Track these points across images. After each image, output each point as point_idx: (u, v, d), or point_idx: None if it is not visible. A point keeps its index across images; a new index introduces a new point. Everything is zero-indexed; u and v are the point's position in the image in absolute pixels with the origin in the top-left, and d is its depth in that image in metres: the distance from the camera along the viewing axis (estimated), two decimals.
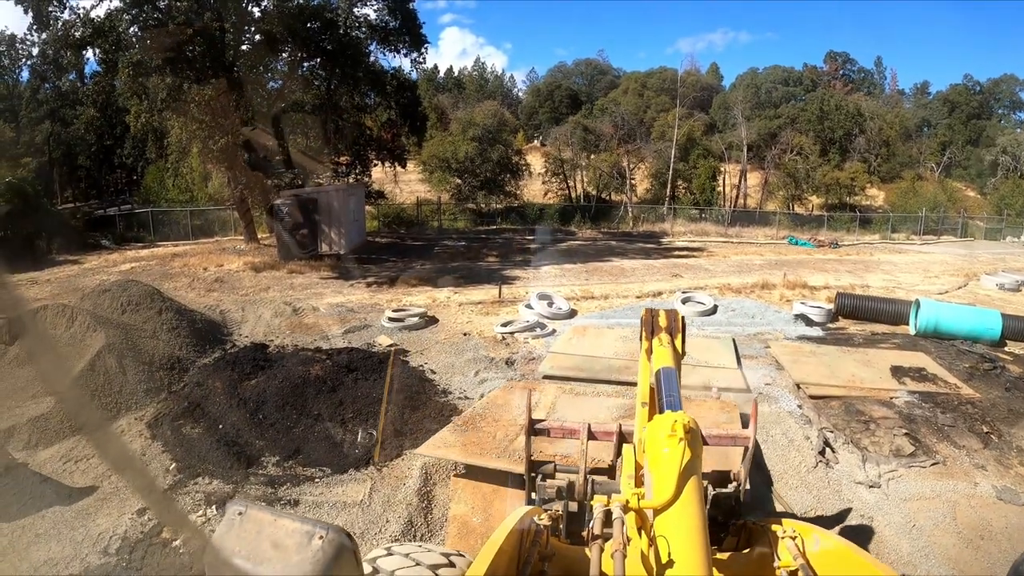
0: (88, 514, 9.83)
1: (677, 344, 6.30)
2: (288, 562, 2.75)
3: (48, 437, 12.05)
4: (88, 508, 9.99)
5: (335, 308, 21.05)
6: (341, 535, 2.85)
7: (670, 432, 3.94)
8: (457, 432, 10.49)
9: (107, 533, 9.32)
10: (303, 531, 2.84)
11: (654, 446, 4.05)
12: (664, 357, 5.90)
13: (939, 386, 14.26)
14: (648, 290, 24.75)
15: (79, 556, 8.85)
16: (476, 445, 9.94)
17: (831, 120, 66.79)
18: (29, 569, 8.61)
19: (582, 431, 6.65)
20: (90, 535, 9.30)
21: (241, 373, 14.49)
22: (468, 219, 49.60)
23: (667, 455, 3.88)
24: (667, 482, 3.80)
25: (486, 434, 10.34)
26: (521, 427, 9.64)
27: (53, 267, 30.08)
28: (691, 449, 3.89)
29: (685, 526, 3.70)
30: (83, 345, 14.54)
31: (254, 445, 11.66)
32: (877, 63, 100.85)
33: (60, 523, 9.62)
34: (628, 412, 11.05)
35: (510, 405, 11.67)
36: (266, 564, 2.77)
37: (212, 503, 9.99)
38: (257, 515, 2.94)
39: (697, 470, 3.94)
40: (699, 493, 3.91)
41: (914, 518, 9.43)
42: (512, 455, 9.40)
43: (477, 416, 11.09)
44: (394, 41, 35.52)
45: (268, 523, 2.90)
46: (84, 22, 29.08)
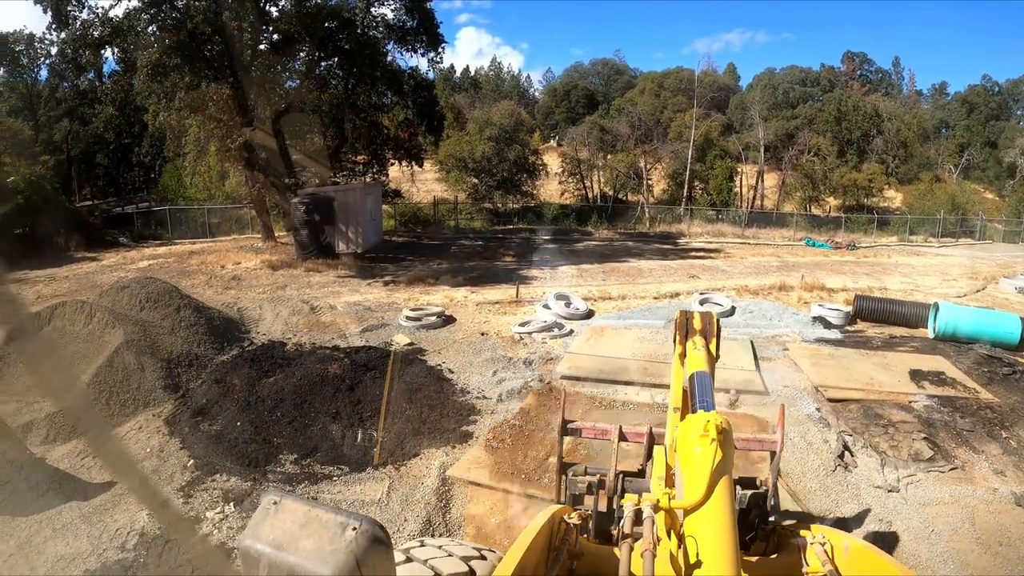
0: (105, 510, 9.84)
1: (712, 347, 6.13)
2: (321, 552, 2.73)
3: (66, 432, 12.07)
4: (105, 504, 9.99)
5: (352, 307, 21.07)
6: (375, 527, 2.82)
7: (702, 432, 3.86)
8: (489, 451, 10.39)
9: (124, 529, 9.34)
10: (337, 522, 2.81)
11: (686, 446, 3.96)
12: (698, 361, 5.75)
13: (958, 390, 14.15)
14: (665, 291, 24.62)
15: (96, 551, 8.87)
16: (507, 466, 9.87)
17: (849, 121, 66.42)
18: (46, 564, 8.64)
19: (613, 432, 6.67)
20: (107, 531, 9.31)
21: (259, 371, 14.54)
22: (485, 219, 49.60)
23: (699, 455, 3.80)
24: (698, 482, 3.71)
25: (517, 452, 10.29)
26: (552, 446, 9.89)
27: (71, 264, 30.24)
28: (723, 450, 3.80)
29: (715, 527, 3.62)
30: (101, 342, 14.58)
31: (272, 443, 11.67)
32: (895, 63, 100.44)
33: (78, 518, 9.62)
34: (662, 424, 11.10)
35: (541, 418, 11.61)
36: (300, 553, 2.75)
37: (230, 500, 10.00)
38: (292, 505, 2.92)
39: (729, 471, 3.86)
40: (730, 494, 3.81)
41: (932, 523, 9.34)
42: (543, 479, 9.35)
43: (508, 429, 11.01)
44: (411, 41, 35.53)
45: (302, 513, 2.87)
46: (103, 21, 29.18)
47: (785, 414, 11.89)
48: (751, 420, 12.12)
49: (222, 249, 33.30)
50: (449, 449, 11.20)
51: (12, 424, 11.29)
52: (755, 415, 12.53)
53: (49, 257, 30.21)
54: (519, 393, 13.57)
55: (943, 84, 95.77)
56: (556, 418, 11.12)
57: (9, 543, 9.05)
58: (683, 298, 23.18)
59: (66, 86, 51.90)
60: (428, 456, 11.07)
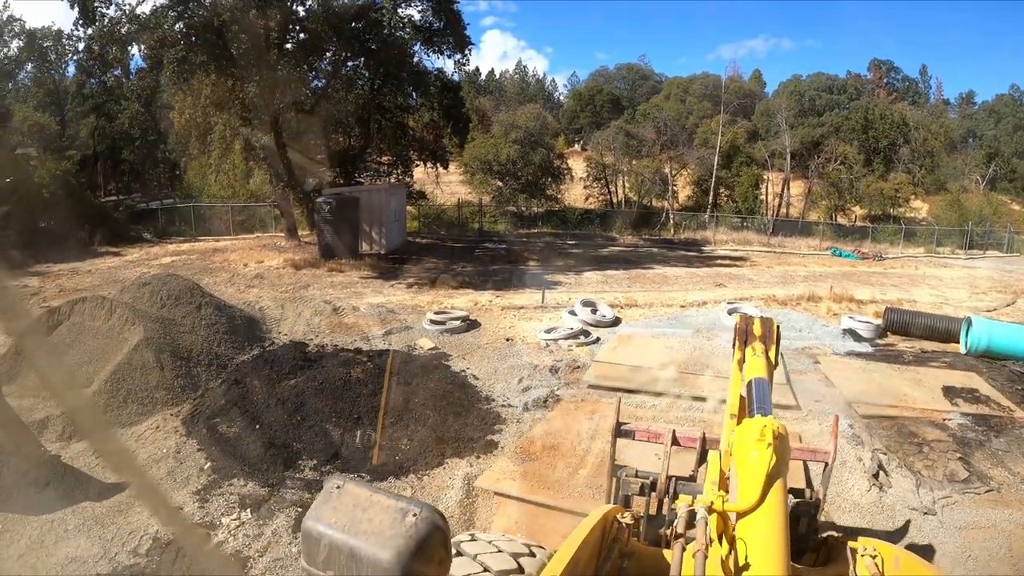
0: (120, 511, 9.66)
1: (771, 354, 6.21)
2: (382, 536, 2.78)
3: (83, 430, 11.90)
4: (119, 505, 9.81)
5: (375, 308, 20.86)
6: (434, 514, 2.88)
7: (759, 437, 3.92)
8: (517, 462, 10.16)
9: (138, 532, 9.14)
10: (397, 508, 2.88)
11: (742, 450, 4.02)
12: (757, 367, 5.84)
13: (992, 408, 13.95)
14: (692, 299, 24.38)
15: (108, 555, 8.69)
16: (536, 478, 9.66)
17: (876, 129, 65.90)
18: (56, 566, 8.46)
19: (666, 435, 6.65)
20: (120, 533, 9.13)
21: (280, 372, 14.31)
22: (509, 222, 49.34)
23: (755, 459, 3.85)
24: (753, 486, 3.75)
25: (545, 464, 10.08)
26: (581, 458, 9.97)
27: (95, 258, 30.34)
28: (778, 455, 3.86)
29: (768, 531, 3.67)
30: (121, 338, 14.40)
31: (291, 447, 11.43)
32: (922, 72, 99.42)
33: (91, 519, 9.44)
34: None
35: (570, 430, 11.38)
36: (360, 536, 2.81)
37: (246, 507, 9.78)
38: (354, 490, 3.00)
39: (783, 476, 3.91)
40: (783, 499, 3.85)
41: (970, 548, 9.20)
42: (575, 491, 9.17)
43: (536, 442, 10.78)
44: (438, 42, 35.23)
45: (364, 498, 2.95)
46: (129, 18, 29.14)
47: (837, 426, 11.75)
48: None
49: (245, 247, 33.26)
50: (473, 459, 10.94)
51: (28, 420, 11.08)
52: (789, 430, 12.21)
53: (73, 251, 30.13)
54: (545, 402, 13.30)
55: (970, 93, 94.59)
56: (585, 424, 10.98)
57: (20, 543, 8.89)
58: (710, 307, 22.91)
59: (93, 82, 52.08)
60: (451, 466, 10.84)
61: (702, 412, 12.94)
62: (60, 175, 36.57)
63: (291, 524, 9.31)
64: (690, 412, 12.99)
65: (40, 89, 51.80)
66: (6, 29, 45.45)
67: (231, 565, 8.30)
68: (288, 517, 9.46)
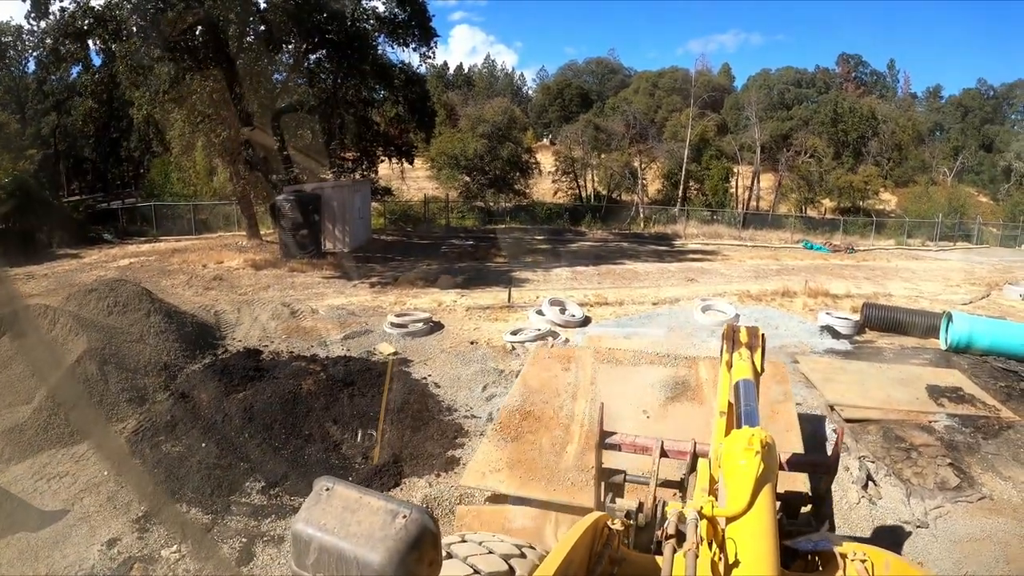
0: (55, 542, 9.04)
1: (756, 360, 5.98)
2: (372, 538, 2.74)
3: (22, 450, 11.27)
4: (56, 535, 9.19)
5: (335, 311, 20.30)
6: (424, 516, 2.83)
7: (747, 445, 3.88)
8: (500, 446, 9.49)
9: (73, 566, 8.54)
10: (388, 509, 2.84)
11: (730, 459, 3.97)
12: (743, 370, 5.67)
13: (978, 408, 13.74)
14: (664, 296, 24.13)
15: None
16: (523, 466, 9.04)
17: (845, 123, 66.54)
18: None
19: (655, 448, 6.31)
20: (55, 567, 8.53)
21: (229, 384, 13.52)
22: (476, 217, 49.23)
23: (743, 467, 3.82)
24: (741, 492, 3.73)
25: (531, 444, 9.45)
26: (566, 428, 9.51)
27: (52, 261, 29.72)
28: (766, 463, 3.82)
29: (756, 535, 3.65)
30: (64, 349, 13.72)
31: (238, 468, 10.70)
32: (890, 66, 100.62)
33: (25, 553, 8.85)
34: (673, 385, 10.70)
35: (548, 389, 10.77)
36: (350, 539, 2.76)
37: (187, 537, 9.06)
38: (343, 492, 2.95)
39: (772, 484, 3.86)
40: (772, 506, 3.82)
41: (964, 561, 9.01)
42: (565, 477, 8.67)
43: (517, 414, 10.08)
44: (402, 34, 35.00)
45: (354, 500, 2.90)
46: (85, 11, 28.32)
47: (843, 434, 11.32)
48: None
49: (206, 247, 32.61)
50: (433, 478, 10.36)
51: None
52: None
53: (31, 254, 29.67)
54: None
55: (937, 87, 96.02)
56: (563, 379, 10.61)
57: None
58: (684, 303, 22.62)
59: (54, 79, 51.23)
60: (409, 486, 10.29)
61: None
62: (18, 175, 35.80)
63: (235, 558, 8.69)
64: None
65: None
66: None
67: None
68: (231, 548, 8.81)
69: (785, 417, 9.51)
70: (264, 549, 8.90)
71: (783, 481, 4.99)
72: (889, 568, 4.41)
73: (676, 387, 10.71)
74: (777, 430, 8.46)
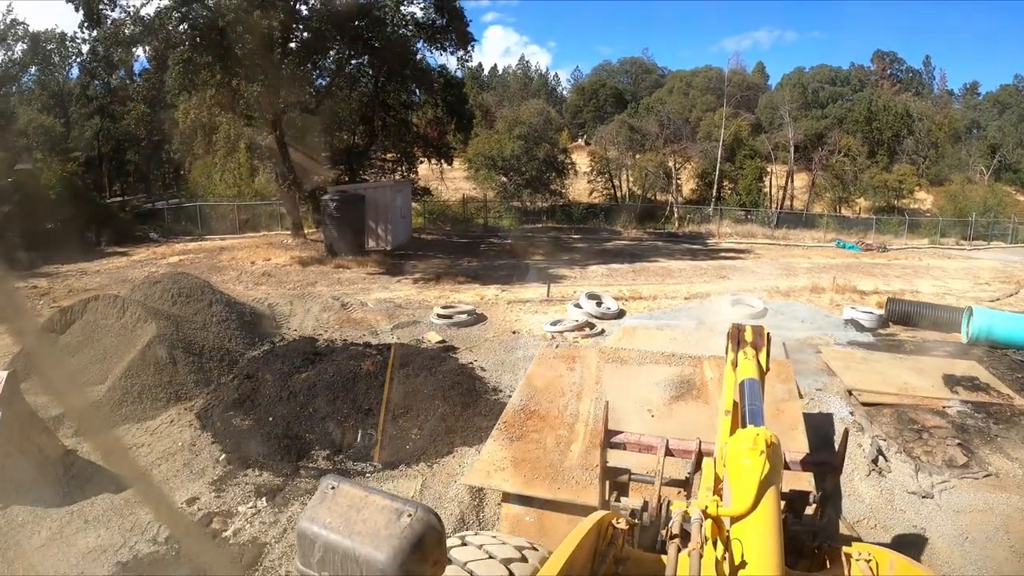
0: (136, 502, 9.91)
1: (762, 359, 6.20)
2: (377, 537, 2.84)
3: (99, 425, 12.18)
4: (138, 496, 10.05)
5: (383, 303, 21.22)
6: (429, 515, 2.94)
7: (751, 445, 3.98)
8: (504, 445, 9.79)
9: (155, 522, 9.37)
10: (393, 508, 2.93)
11: (735, 458, 4.07)
12: (748, 369, 5.85)
13: (992, 396, 13.96)
14: (696, 291, 24.63)
15: (127, 544, 8.92)
16: (528, 464, 9.35)
17: (879, 121, 65.84)
18: (77, 556, 8.68)
19: (659, 447, 6.50)
20: (139, 523, 9.37)
21: (291, 366, 14.54)
22: (513, 217, 49.43)
23: (748, 466, 3.91)
24: (746, 492, 3.81)
25: (535, 443, 9.77)
26: (571, 427, 9.78)
27: (102, 258, 30.68)
28: (771, 462, 3.92)
29: (761, 535, 3.72)
30: (133, 335, 14.65)
31: (304, 438, 11.70)
32: (925, 63, 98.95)
33: (109, 511, 9.68)
34: (678, 384, 11.08)
35: (553, 388, 11.17)
36: (355, 537, 2.86)
37: (262, 495, 10.04)
38: (349, 490, 3.07)
39: (776, 483, 3.96)
40: (777, 505, 3.92)
41: (967, 531, 9.35)
42: (569, 476, 8.99)
43: (521, 414, 10.46)
44: (440, 39, 35.46)
45: (359, 498, 3.01)
46: (134, 20, 29.44)
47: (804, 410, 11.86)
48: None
49: (251, 245, 33.57)
50: (482, 447, 11.16)
51: (44, 416, 11.28)
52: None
53: (80, 252, 30.52)
54: None
55: (974, 84, 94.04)
56: (568, 379, 10.90)
57: (41, 534, 9.12)
58: (714, 298, 22.97)
59: (97, 84, 52.52)
60: (461, 454, 11.11)
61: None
62: (66, 177, 36.96)
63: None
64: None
65: (44, 92, 52.15)
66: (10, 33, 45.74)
67: (233, 564, 8.40)
68: (302, 504, 9.66)
69: (790, 416, 9.77)
70: (372, 488, 9.67)
71: (788, 480, 5.29)
72: (894, 568, 4.57)
73: (681, 386, 11.02)
74: (782, 429, 8.70)
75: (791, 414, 9.88)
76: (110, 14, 29.96)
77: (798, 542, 5.47)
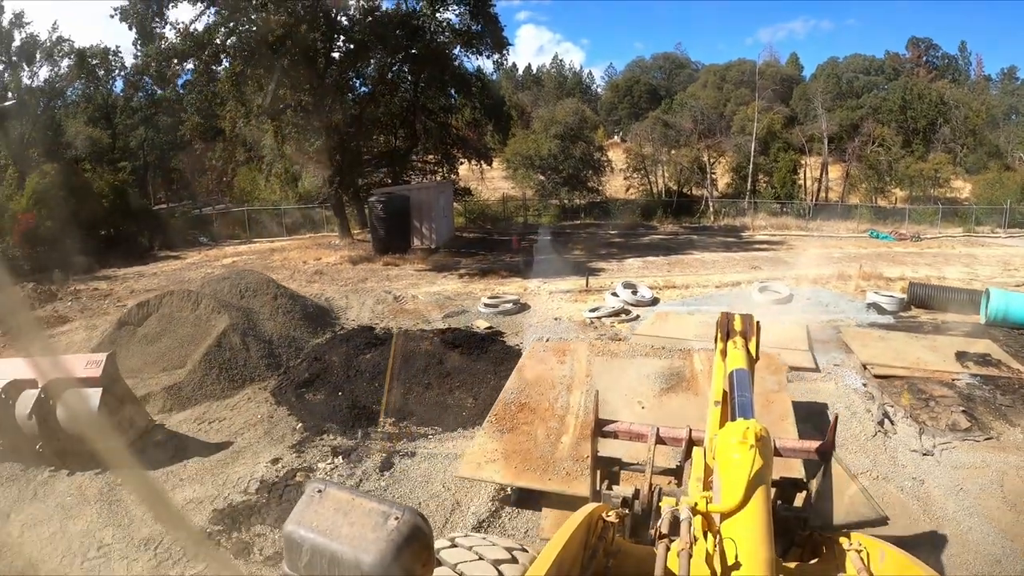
0: (226, 463, 11.23)
1: (751, 347, 6.43)
2: (364, 539, 2.89)
3: (182, 402, 13.67)
4: (225, 459, 11.40)
5: (432, 296, 22.60)
6: (416, 517, 2.99)
7: (741, 439, 4.05)
8: (495, 437, 9.94)
9: (245, 477, 10.67)
10: (379, 511, 2.98)
11: (725, 452, 4.16)
12: (738, 359, 6.06)
13: (1002, 371, 14.57)
14: (727, 280, 25.58)
15: (222, 495, 10.15)
16: (519, 456, 9.46)
17: (914, 110, 65.19)
18: (176, 505, 9.84)
19: (650, 435, 6.49)
20: (230, 479, 10.63)
21: (355, 349, 16.13)
22: (552, 214, 50.49)
23: (737, 460, 3.99)
24: (736, 487, 3.88)
25: (526, 435, 9.95)
26: (561, 419, 10.21)
27: (157, 262, 32.47)
28: (761, 456, 3.98)
29: (752, 531, 3.80)
30: (208, 325, 16.12)
31: (372, 409, 13.02)
32: (961, 48, 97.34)
33: (201, 471, 10.96)
34: (667, 376, 11.62)
35: (544, 381, 11.52)
36: (342, 540, 2.93)
37: (338, 454, 11.36)
38: (335, 494, 3.13)
39: (766, 478, 4.04)
40: (767, 500, 3.99)
41: (962, 483, 10.03)
42: (560, 467, 9.16)
43: (512, 407, 10.74)
44: (477, 44, 36.69)
45: (345, 502, 3.07)
46: (184, 36, 31.06)
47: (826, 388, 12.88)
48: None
49: (300, 246, 35.12)
50: None
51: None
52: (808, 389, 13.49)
53: (134, 256, 32.54)
54: None
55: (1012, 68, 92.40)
56: (558, 372, 11.35)
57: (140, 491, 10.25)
58: (744, 287, 24.04)
59: (140, 96, 54.33)
60: None
61: None
62: (117, 185, 38.65)
63: (377, 466, 10.89)
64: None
65: (89, 104, 53.96)
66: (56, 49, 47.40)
67: (232, 566, 8.67)
68: (374, 462, 11.03)
69: (780, 406, 10.13)
70: (400, 460, 11.08)
71: (778, 466, 5.29)
72: (884, 558, 4.59)
73: (671, 378, 11.45)
74: (772, 420, 9.19)
75: (781, 404, 10.23)
76: (161, 30, 31.64)
77: (789, 530, 5.58)
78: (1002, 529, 8.91)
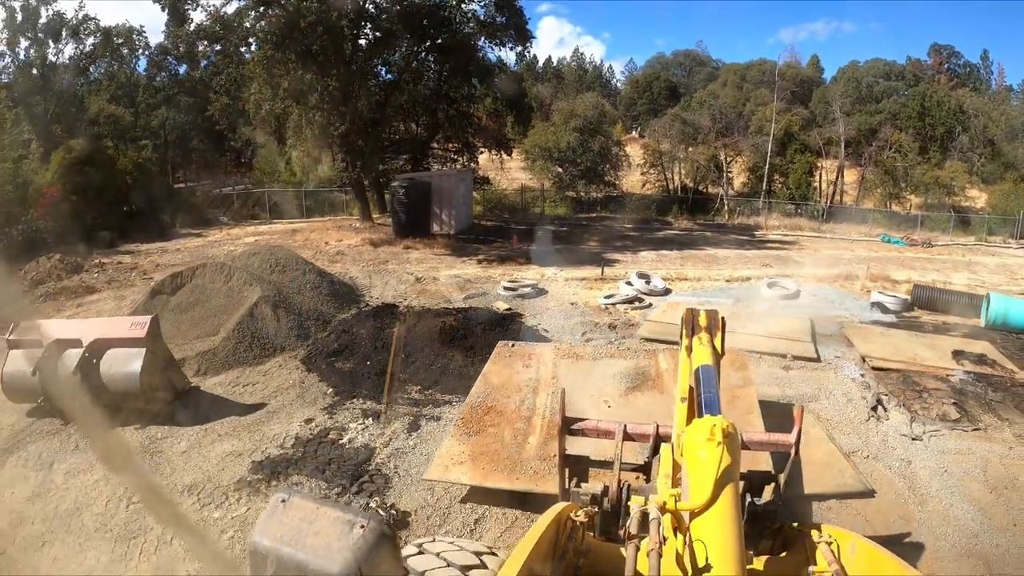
0: (261, 422, 11.99)
1: (716, 343, 6.43)
2: (329, 549, 2.92)
3: (216, 367, 14.47)
4: (260, 418, 12.17)
5: (453, 279, 23.41)
6: (381, 525, 3.05)
7: (708, 436, 4.09)
8: (463, 440, 10.00)
9: (280, 434, 11.44)
10: (344, 520, 3.02)
11: (692, 449, 4.19)
12: (703, 355, 6.08)
13: (995, 370, 15.11)
14: (738, 275, 26.19)
15: (259, 449, 10.91)
16: (486, 457, 9.53)
17: (932, 117, 64.95)
18: (216, 458, 10.55)
19: (617, 432, 6.47)
20: (266, 436, 11.39)
21: (381, 323, 17.08)
22: (568, 206, 50.84)
23: (705, 458, 4.02)
24: (704, 485, 3.91)
25: (493, 437, 10.03)
26: (528, 420, 10.39)
27: (179, 239, 33.28)
28: (729, 453, 4.02)
29: (721, 529, 3.82)
30: (240, 296, 16.95)
31: (399, 377, 13.69)
32: (983, 57, 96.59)
33: (238, 428, 11.72)
34: (633, 376, 11.76)
35: (510, 385, 11.61)
36: (307, 551, 2.94)
37: (368, 416, 12.15)
38: (300, 503, 3.14)
39: (735, 474, 4.09)
40: (736, 497, 4.03)
41: (947, 466, 10.55)
42: (527, 466, 9.29)
43: (479, 410, 10.79)
44: (500, 35, 37.38)
45: (310, 511, 3.09)
46: (215, 19, 31.94)
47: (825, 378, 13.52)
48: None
49: (321, 228, 35.76)
50: None
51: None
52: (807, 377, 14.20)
53: (156, 232, 33.13)
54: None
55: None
56: (524, 375, 11.74)
57: (181, 444, 11.10)
58: (754, 282, 24.60)
59: (163, 75, 55.27)
60: None
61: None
62: (140, 163, 39.55)
63: (405, 428, 11.68)
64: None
65: (112, 83, 54.66)
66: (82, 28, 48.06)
67: (233, 565, 8.63)
68: (402, 423, 11.84)
69: (746, 401, 10.19)
70: (427, 423, 11.87)
71: (746, 460, 5.10)
72: (855, 550, 4.68)
73: (636, 377, 11.57)
74: (738, 414, 9.35)
75: (747, 399, 10.30)
76: (192, 13, 32.46)
77: (758, 522, 5.52)
78: (982, 508, 9.41)
